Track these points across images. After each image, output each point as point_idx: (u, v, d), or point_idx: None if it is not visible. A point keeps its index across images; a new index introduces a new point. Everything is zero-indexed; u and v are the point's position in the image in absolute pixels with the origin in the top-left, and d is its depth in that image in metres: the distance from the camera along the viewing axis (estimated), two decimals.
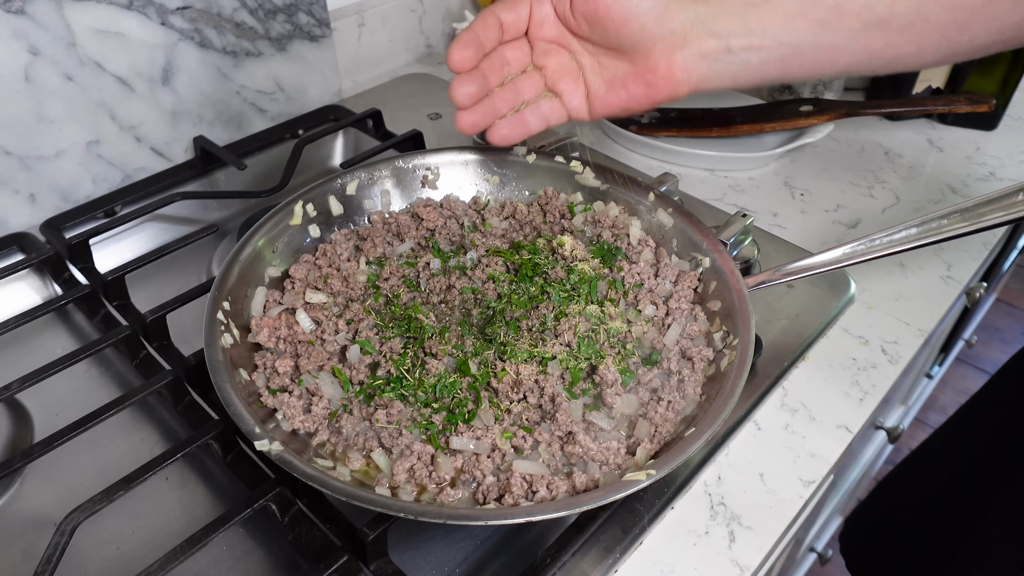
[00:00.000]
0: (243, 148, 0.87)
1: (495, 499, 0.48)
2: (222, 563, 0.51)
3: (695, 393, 0.55)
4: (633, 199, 0.68)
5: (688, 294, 0.62)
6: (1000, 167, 0.94)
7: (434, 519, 0.43)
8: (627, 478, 0.46)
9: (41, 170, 0.75)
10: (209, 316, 0.55)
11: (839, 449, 0.59)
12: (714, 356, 0.57)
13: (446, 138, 0.95)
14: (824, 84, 0.99)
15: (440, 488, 0.49)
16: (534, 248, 0.65)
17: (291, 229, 0.65)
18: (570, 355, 0.56)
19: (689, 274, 0.63)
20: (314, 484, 0.45)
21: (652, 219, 0.67)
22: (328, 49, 0.95)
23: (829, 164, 0.94)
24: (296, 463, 0.46)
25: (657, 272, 0.64)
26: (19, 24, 0.69)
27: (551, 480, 0.49)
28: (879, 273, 0.76)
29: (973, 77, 0.97)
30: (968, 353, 2.20)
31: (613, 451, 0.51)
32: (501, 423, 0.52)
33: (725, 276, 0.60)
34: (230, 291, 0.58)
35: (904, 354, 0.68)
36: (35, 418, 0.61)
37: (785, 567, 1.12)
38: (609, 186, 0.69)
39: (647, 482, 0.45)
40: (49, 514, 0.54)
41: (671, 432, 0.52)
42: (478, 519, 0.45)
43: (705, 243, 0.63)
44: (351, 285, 0.63)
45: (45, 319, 0.69)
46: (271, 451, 0.46)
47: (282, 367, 0.55)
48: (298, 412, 0.53)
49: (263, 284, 0.62)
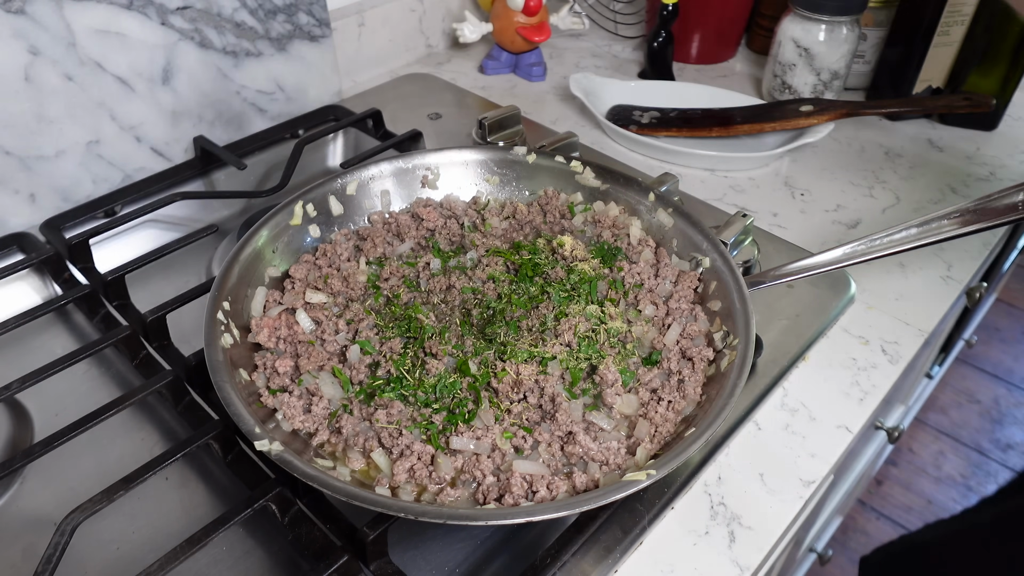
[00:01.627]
0: (243, 148, 0.87)
1: (495, 499, 0.48)
2: (222, 563, 0.51)
3: (695, 393, 0.55)
4: (633, 199, 0.68)
5: (688, 294, 0.62)
6: (1000, 167, 0.94)
7: (434, 519, 0.43)
8: (627, 478, 0.46)
9: (41, 170, 0.75)
10: (209, 316, 0.55)
11: (839, 449, 0.59)
12: (714, 356, 0.57)
13: (446, 138, 0.95)
14: (824, 84, 0.99)
15: (440, 488, 0.49)
16: (534, 248, 0.65)
17: (291, 229, 0.65)
18: (570, 355, 0.56)
19: (689, 274, 0.63)
20: (314, 484, 0.45)
21: (652, 219, 0.67)
22: (328, 49, 0.95)
23: (829, 164, 0.94)
24: (296, 463, 0.46)
25: (657, 272, 0.64)
26: (19, 24, 0.69)
27: (551, 480, 0.49)
28: (879, 273, 0.76)
29: (973, 77, 0.97)
30: (968, 353, 2.20)
31: (613, 451, 0.51)
32: (501, 423, 0.52)
33: (725, 276, 0.60)
34: (230, 291, 0.58)
35: (904, 354, 0.68)
36: (35, 418, 0.61)
37: (785, 567, 1.12)
38: (609, 186, 0.69)
39: (647, 482, 0.45)
40: (49, 514, 0.54)
41: (671, 432, 0.52)
42: (478, 519, 0.44)
43: (705, 243, 0.63)
44: (351, 285, 0.63)
45: (45, 319, 0.69)
46: (271, 451, 0.46)
47: (282, 367, 0.55)
48: (298, 412, 0.53)
49: (263, 284, 0.62)
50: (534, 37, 1.07)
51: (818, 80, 0.99)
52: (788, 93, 1.01)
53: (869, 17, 1.01)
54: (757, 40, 1.19)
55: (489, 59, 1.12)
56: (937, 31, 0.94)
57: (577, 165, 0.70)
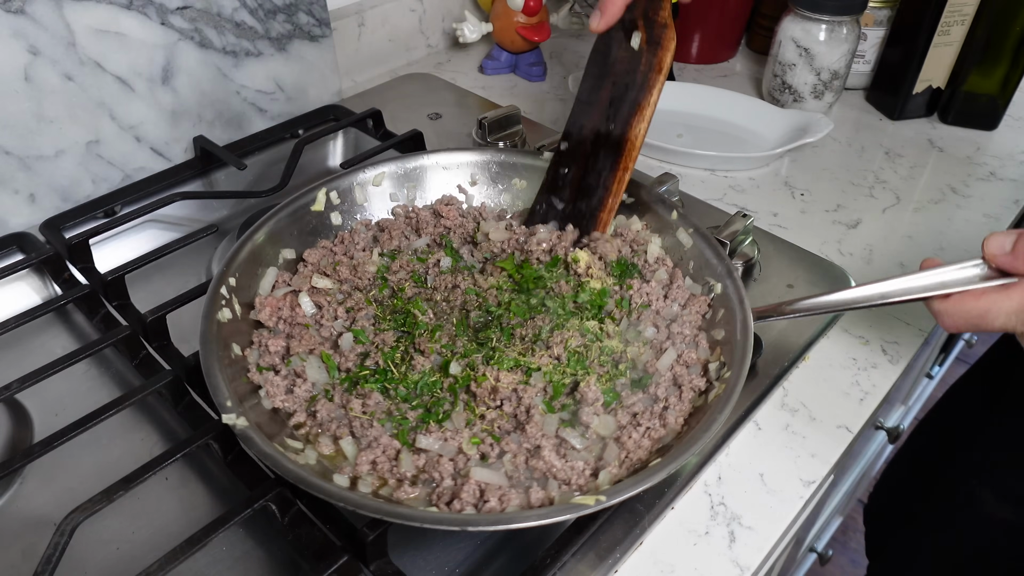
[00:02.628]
0: (243, 148, 0.87)
1: (446, 503, 0.48)
2: (222, 563, 0.51)
3: (676, 423, 0.53)
4: (657, 216, 0.66)
5: (695, 319, 0.60)
6: (1000, 167, 0.94)
7: (337, 502, 0.44)
8: (575, 501, 0.45)
9: (41, 170, 0.75)
10: (213, 289, 0.56)
11: (839, 449, 0.59)
12: (705, 387, 0.55)
13: (446, 138, 0.95)
14: (824, 84, 0.99)
15: (400, 483, 0.49)
16: (552, 263, 0.64)
17: (312, 215, 0.66)
18: (556, 368, 0.55)
19: (700, 298, 0.61)
20: (267, 463, 0.46)
21: (672, 238, 0.65)
22: (328, 49, 0.95)
23: (829, 164, 0.94)
24: (255, 440, 0.47)
25: (667, 294, 0.61)
26: (19, 24, 0.68)
27: (505, 492, 0.47)
28: (879, 273, 0.76)
29: (973, 77, 0.97)
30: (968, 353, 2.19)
31: (577, 471, 0.49)
32: (472, 427, 0.52)
33: (733, 305, 0.57)
34: (239, 267, 0.59)
35: (904, 354, 0.68)
36: (35, 418, 0.61)
37: (785, 567, 1.12)
38: (635, 200, 0.67)
39: (593, 508, 0.43)
40: (49, 514, 0.54)
41: (642, 460, 0.51)
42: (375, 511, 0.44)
43: (720, 268, 0.60)
44: (359, 274, 0.64)
45: (45, 319, 0.69)
46: (236, 426, 0.47)
47: (273, 346, 0.56)
48: (280, 391, 0.54)
49: (276, 265, 0.63)
50: (534, 37, 1.07)
51: (818, 80, 0.99)
52: (788, 93, 1.01)
53: (869, 17, 1.01)
54: (757, 40, 1.19)
55: (489, 59, 1.12)
56: (937, 31, 0.94)
57: None
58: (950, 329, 0.50)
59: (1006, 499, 0.80)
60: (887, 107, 1.04)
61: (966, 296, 0.49)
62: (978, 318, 0.48)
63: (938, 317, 0.51)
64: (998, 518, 0.81)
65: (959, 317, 0.49)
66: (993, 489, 0.82)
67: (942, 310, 0.50)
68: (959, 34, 0.95)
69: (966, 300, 0.49)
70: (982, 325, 0.48)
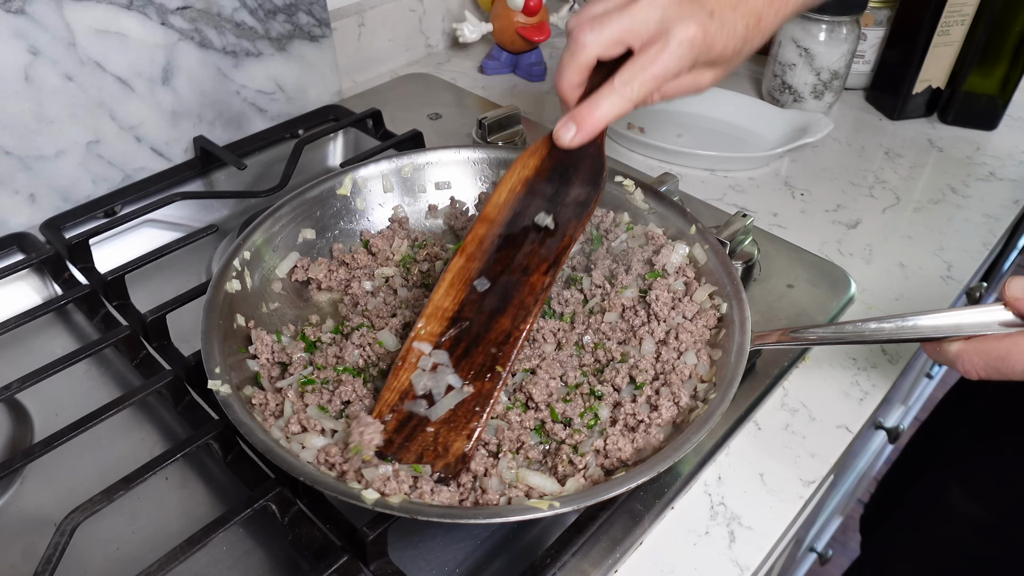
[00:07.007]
0: (243, 148, 0.87)
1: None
2: (222, 563, 0.51)
3: (656, 439, 0.52)
4: (675, 228, 0.65)
5: (703, 334, 0.58)
6: (1000, 167, 0.94)
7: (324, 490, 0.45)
8: (529, 503, 0.45)
9: (41, 170, 0.75)
10: (226, 260, 0.59)
11: (839, 449, 0.59)
12: (692, 405, 0.54)
13: (446, 138, 0.95)
14: (824, 84, 0.99)
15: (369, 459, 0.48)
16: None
17: (337, 198, 0.69)
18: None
19: (707, 312, 0.59)
20: (243, 431, 0.47)
21: (689, 251, 0.64)
22: (328, 49, 0.95)
23: (829, 164, 0.94)
24: (235, 408, 0.48)
25: (674, 307, 0.60)
26: (19, 24, 0.69)
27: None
28: (879, 273, 0.76)
29: (973, 77, 0.97)
30: None
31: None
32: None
33: (734, 327, 0.56)
34: (255, 243, 0.62)
35: (904, 354, 0.68)
36: (35, 418, 0.61)
37: (785, 567, 1.12)
38: (655, 210, 0.67)
39: (547, 513, 0.44)
40: (49, 514, 0.54)
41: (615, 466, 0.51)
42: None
43: (729, 287, 0.59)
44: (379, 261, 0.67)
45: (45, 319, 0.69)
46: (219, 392, 0.49)
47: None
48: (267, 350, 0.56)
49: (295, 249, 0.66)
50: (534, 37, 1.07)
51: (818, 80, 0.99)
52: (788, 93, 1.01)
53: (869, 17, 1.01)
54: None
55: (489, 59, 1.12)
56: (937, 31, 0.94)
57: (629, 184, 0.68)
58: (969, 373, 0.47)
59: (974, 496, 0.80)
60: (887, 107, 1.04)
61: (987, 337, 0.47)
62: (999, 360, 0.46)
63: (956, 360, 0.48)
64: (966, 514, 0.81)
65: (978, 359, 0.47)
66: (961, 486, 0.82)
67: (961, 351, 0.47)
68: (959, 34, 0.95)
69: (987, 341, 0.46)
70: (1003, 369, 0.46)
